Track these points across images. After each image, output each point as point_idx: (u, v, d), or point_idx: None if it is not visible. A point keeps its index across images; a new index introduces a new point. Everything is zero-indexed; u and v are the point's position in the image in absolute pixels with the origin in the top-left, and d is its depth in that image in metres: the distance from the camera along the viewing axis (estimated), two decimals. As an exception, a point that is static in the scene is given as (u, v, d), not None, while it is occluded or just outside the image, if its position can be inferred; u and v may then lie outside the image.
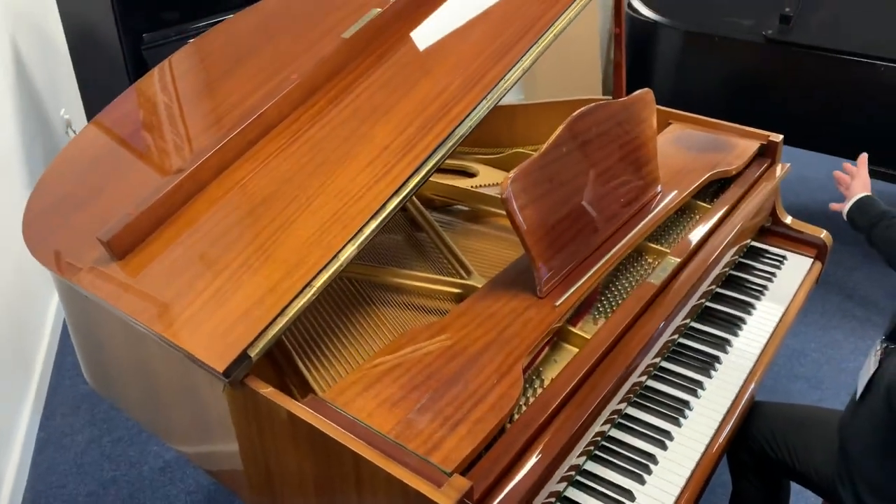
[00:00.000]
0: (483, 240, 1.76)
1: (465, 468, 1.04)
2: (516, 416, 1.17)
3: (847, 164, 1.80)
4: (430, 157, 1.33)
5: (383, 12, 1.63)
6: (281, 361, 1.34)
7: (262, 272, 1.22)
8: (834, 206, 1.78)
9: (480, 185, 1.95)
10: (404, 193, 1.29)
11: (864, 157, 1.80)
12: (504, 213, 1.76)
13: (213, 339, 1.13)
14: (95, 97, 2.93)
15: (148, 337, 1.27)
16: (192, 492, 2.18)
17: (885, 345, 1.28)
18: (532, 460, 1.11)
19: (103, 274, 1.29)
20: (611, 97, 1.85)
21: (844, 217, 1.72)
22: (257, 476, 1.25)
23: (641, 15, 2.83)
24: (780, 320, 1.72)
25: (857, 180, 1.74)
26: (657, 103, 1.69)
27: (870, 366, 1.31)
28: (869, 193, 1.71)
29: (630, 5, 2.89)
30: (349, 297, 1.49)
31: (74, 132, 3.11)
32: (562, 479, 1.23)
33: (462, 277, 1.53)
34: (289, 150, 1.44)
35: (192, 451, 1.39)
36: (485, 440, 1.07)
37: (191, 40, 1.88)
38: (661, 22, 2.79)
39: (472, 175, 2.03)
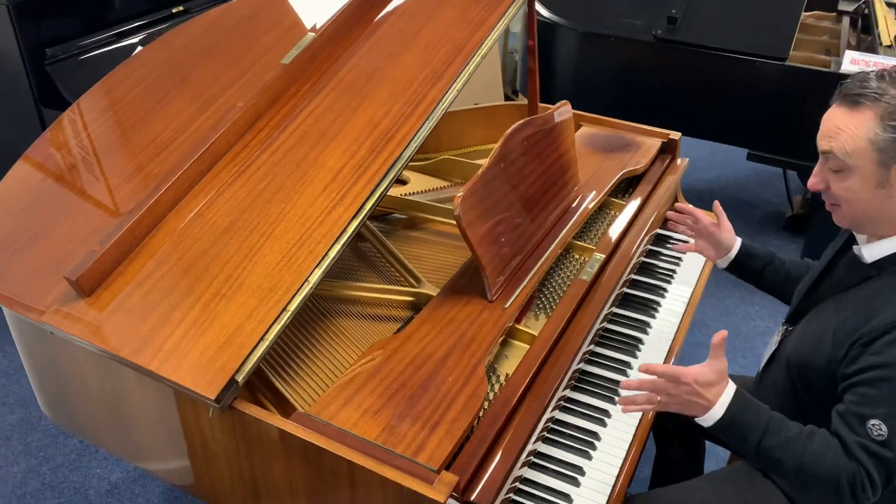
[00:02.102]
0: (421, 245, 1.88)
1: (449, 464, 1.17)
2: (482, 413, 1.31)
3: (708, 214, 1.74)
4: (383, 178, 1.43)
5: (317, 37, 1.70)
6: (251, 379, 1.41)
7: (236, 300, 1.29)
8: (698, 250, 1.72)
9: (413, 192, 2.06)
10: (363, 215, 1.39)
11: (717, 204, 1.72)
12: (438, 219, 1.91)
13: (199, 368, 1.20)
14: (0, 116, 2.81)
15: (124, 371, 1.31)
16: (143, 510, 2.19)
17: (784, 327, 1.50)
18: (502, 450, 1.25)
19: (73, 312, 1.32)
20: (517, 96, 2.00)
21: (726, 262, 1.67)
22: (243, 494, 1.33)
23: (541, 16, 3.01)
24: (690, 298, 1.94)
25: (725, 232, 1.68)
26: (557, 99, 1.84)
27: (772, 345, 1.53)
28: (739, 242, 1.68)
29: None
30: (308, 313, 1.57)
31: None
32: (523, 464, 1.39)
33: (413, 286, 1.65)
34: (242, 177, 1.50)
35: (173, 475, 1.44)
36: (461, 438, 1.20)
37: (115, 69, 1.87)
38: (560, 23, 2.98)
39: (403, 183, 2.13)
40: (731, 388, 1.25)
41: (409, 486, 1.08)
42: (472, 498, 1.17)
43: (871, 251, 1.28)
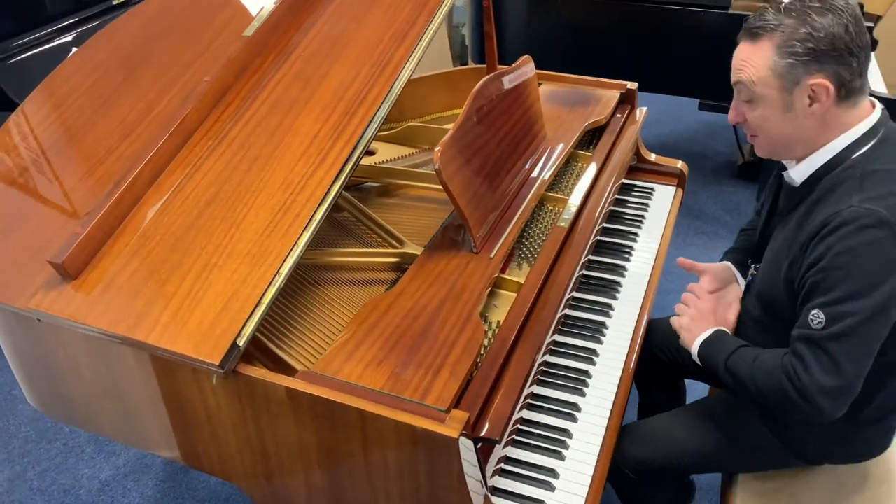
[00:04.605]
0: (398, 211, 1.89)
1: (455, 405, 1.20)
2: (481, 356, 1.35)
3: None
4: (360, 138, 1.44)
5: (277, 7, 1.70)
6: (249, 350, 1.42)
7: (228, 268, 1.29)
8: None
9: (382, 161, 2.08)
10: (344, 176, 1.41)
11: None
12: (412, 183, 1.93)
13: (200, 336, 1.20)
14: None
15: (120, 351, 1.31)
16: (138, 504, 2.18)
17: (753, 265, 1.58)
18: (504, 388, 1.29)
19: (62, 296, 1.30)
20: (468, 62, 2.01)
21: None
22: (251, 459, 1.34)
23: (488, -18, 3.03)
24: (660, 242, 2.01)
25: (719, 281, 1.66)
26: (510, 63, 1.87)
27: (745, 280, 1.60)
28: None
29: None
30: (297, 284, 1.58)
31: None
32: (522, 405, 1.43)
33: (396, 247, 1.67)
34: (218, 150, 1.49)
35: (177, 452, 1.43)
36: (465, 378, 1.23)
37: (73, 52, 1.83)
38: (508, -13, 3.01)
39: (371, 153, 2.14)
40: (717, 327, 1.46)
41: (422, 426, 1.11)
42: (482, 434, 1.20)
43: (798, 173, 1.35)
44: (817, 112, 1.25)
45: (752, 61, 1.26)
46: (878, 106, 1.32)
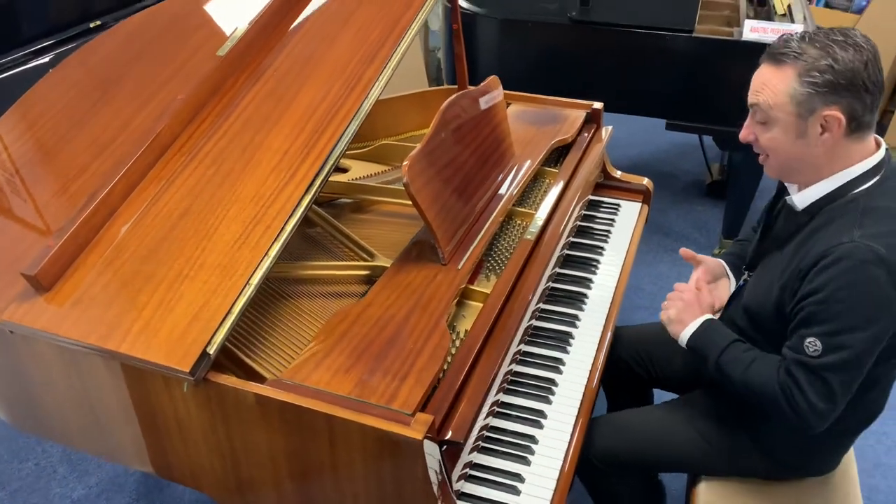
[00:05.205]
0: (370, 226, 1.93)
1: (421, 409, 1.24)
2: (448, 364, 1.38)
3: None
4: (330, 154, 1.48)
5: (250, 28, 1.75)
6: (221, 360, 1.44)
7: (199, 279, 1.32)
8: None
9: (355, 179, 2.12)
10: (314, 191, 1.45)
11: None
12: (385, 199, 1.98)
13: (170, 345, 1.23)
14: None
15: (92, 362, 1.33)
16: (111, 522, 2.17)
17: (747, 273, 1.61)
18: (469, 393, 1.33)
19: (34, 307, 1.32)
20: (448, 86, 2.08)
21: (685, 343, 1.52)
22: (222, 467, 1.36)
23: (462, 8, 3.11)
24: (626, 256, 2.07)
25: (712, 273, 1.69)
26: None
27: (735, 286, 1.66)
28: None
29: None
30: (269, 297, 1.61)
31: None
32: (489, 413, 1.46)
33: (367, 260, 1.70)
34: (191, 166, 1.53)
35: (149, 463, 1.45)
36: (431, 384, 1.27)
37: (46, 76, 1.87)
38: (480, 13, 3.09)
39: (344, 171, 2.19)
40: (706, 315, 1.51)
41: (387, 428, 1.14)
42: (447, 437, 1.24)
43: (801, 199, 1.40)
44: (827, 142, 1.30)
45: (771, 85, 1.30)
46: (883, 146, 1.37)
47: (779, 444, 1.53)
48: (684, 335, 1.50)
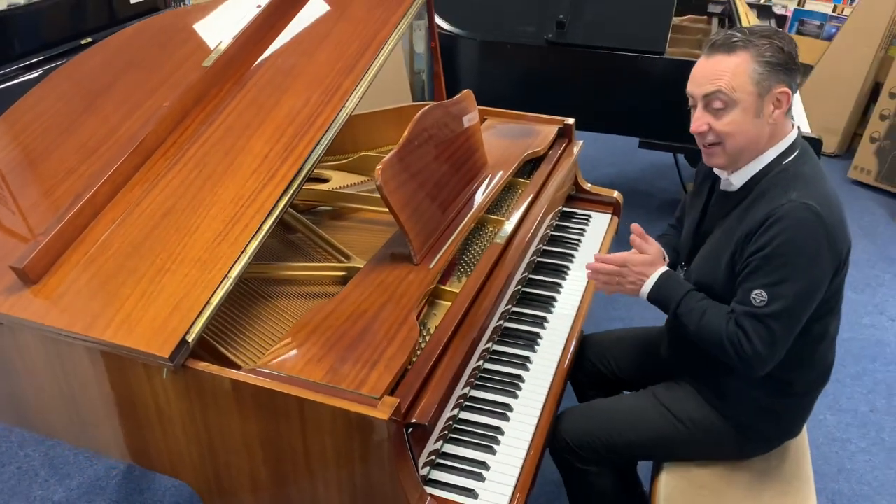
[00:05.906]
0: (349, 232, 2.01)
1: (389, 394, 1.30)
2: (418, 354, 1.45)
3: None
4: (308, 158, 1.57)
5: (235, 41, 1.84)
6: (200, 353, 1.50)
7: (180, 272, 1.39)
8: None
9: (337, 188, 2.20)
10: (291, 192, 1.52)
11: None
12: (363, 208, 2.06)
13: (152, 333, 1.29)
14: None
15: (76, 352, 1.39)
16: (91, 523, 2.20)
17: (685, 268, 1.73)
18: (436, 380, 1.40)
19: (22, 299, 1.39)
20: (428, 101, 2.17)
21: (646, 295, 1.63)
22: (199, 455, 1.42)
23: (443, 29, 3.23)
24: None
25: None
26: None
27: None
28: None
29: (431, 21, 3.28)
30: (247, 296, 1.68)
31: None
32: (456, 405, 1.53)
33: (343, 262, 1.78)
34: (175, 168, 1.61)
35: (129, 452, 1.50)
36: (399, 372, 1.34)
37: (38, 85, 1.94)
38: (461, 34, 3.21)
39: (326, 181, 2.27)
40: (662, 268, 1.61)
41: (354, 410, 1.21)
42: (412, 420, 1.30)
43: (738, 178, 1.54)
44: (778, 118, 1.45)
45: (730, 69, 1.43)
46: (794, 120, 1.54)
47: (744, 412, 1.62)
48: (643, 291, 1.62)
